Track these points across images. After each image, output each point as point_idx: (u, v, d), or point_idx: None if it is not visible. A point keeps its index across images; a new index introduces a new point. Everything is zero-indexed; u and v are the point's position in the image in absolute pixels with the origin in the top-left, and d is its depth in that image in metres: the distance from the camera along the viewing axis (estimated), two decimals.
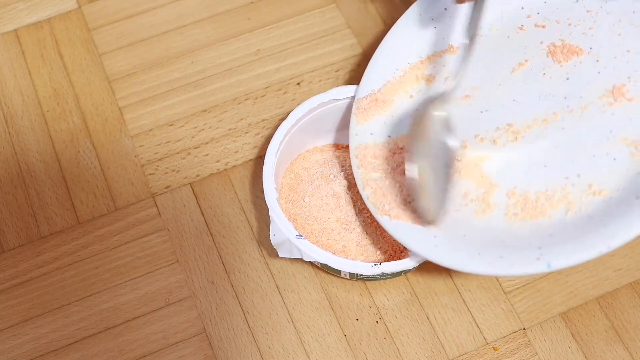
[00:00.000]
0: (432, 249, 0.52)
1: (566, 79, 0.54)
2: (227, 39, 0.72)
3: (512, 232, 0.51)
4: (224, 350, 0.59)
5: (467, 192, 0.54)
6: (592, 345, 0.58)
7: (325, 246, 0.59)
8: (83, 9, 0.73)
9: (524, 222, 0.51)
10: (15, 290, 0.61)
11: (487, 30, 0.59)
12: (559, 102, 0.54)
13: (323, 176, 0.61)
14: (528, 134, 0.54)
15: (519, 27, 0.58)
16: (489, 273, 0.50)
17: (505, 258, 0.49)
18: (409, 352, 0.58)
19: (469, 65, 0.57)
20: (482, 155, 0.54)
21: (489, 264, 0.50)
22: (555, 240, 0.49)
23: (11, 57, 0.71)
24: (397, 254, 0.59)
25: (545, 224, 0.50)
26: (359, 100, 0.60)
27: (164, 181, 0.65)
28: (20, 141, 0.67)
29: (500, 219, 0.52)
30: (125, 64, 0.70)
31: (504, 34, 0.58)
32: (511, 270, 0.49)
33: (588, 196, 0.50)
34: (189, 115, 0.68)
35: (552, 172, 0.52)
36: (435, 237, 0.53)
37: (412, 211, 0.55)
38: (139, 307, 0.60)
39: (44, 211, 0.64)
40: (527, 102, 0.55)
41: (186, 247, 0.62)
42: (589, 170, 0.51)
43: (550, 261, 0.48)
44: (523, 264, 0.49)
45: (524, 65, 0.56)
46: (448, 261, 0.51)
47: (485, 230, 0.52)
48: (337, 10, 0.73)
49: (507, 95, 0.56)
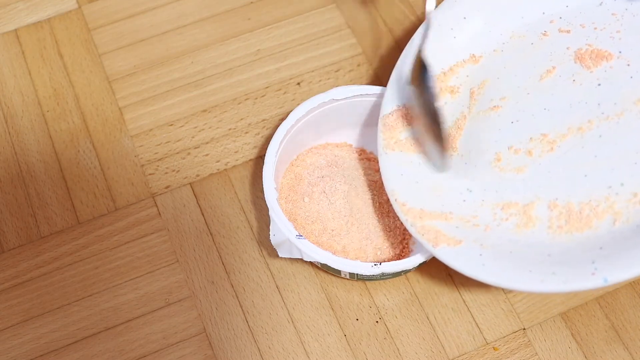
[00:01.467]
0: (480, 269, 0.50)
1: (598, 85, 0.53)
2: (227, 39, 0.72)
3: (559, 246, 0.50)
4: (224, 350, 0.59)
5: (507, 205, 0.53)
6: (592, 345, 0.58)
7: (325, 246, 0.59)
8: (83, 9, 0.73)
9: (569, 235, 0.50)
10: (15, 290, 0.61)
11: (508, 38, 0.58)
12: (593, 109, 0.52)
13: (323, 176, 0.61)
14: (564, 144, 0.52)
15: (542, 33, 0.57)
16: (543, 291, 0.48)
17: (557, 274, 0.47)
18: (409, 352, 0.58)
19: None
20: (519, 167, 0.53)
21: (542, 282, 0.48)
22: (607, 252, 0.47)
23: (11, 57, 0.71)
24: (397, 254, 0.59)
25: (592, 236, 0.49)
26: (384, 117, 0.58)
27: (164, 181, 0.65)
28: (20, 141, 0.67)
29: (544, 233, 0.50)
30: (125, 64, 0.70)
31: (528, 41, 0.57)
32: (566, 286, 0.47)
33: (634, 205, 0.48)
34: (189, 115, 0.68)
35: (594, 182, 0.50)
36: (482, 256, 0.51)
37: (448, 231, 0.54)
38: (139, 307, 0.60)
39: (44, 211, 0.64)
40: (559, 111, 0.53)
41: (186, 247, 0.62)
42: (633, 178, 0.49)
43: (606, 276, 0.46)
44: (578, 279, 0.47)
45: (551, 72, 0.55)
46: (499, 280, 0.49)
47: (530, 245, 0.50)
48: (337, 10, 0.73)
49: (537, 104, 0.55)
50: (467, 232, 0.52)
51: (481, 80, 0.57)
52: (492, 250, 0.51)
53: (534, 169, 0.53)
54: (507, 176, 0.54)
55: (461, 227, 0.53)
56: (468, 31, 0.58)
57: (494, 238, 0.52)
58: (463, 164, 0.56)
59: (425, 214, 0.54)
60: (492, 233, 0.52)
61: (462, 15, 0.59)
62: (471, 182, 0.55)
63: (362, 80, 0.70)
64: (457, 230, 0.53)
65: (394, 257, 0.59)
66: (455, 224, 0.53)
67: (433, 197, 0.55)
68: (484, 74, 0.58)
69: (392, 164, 0.57)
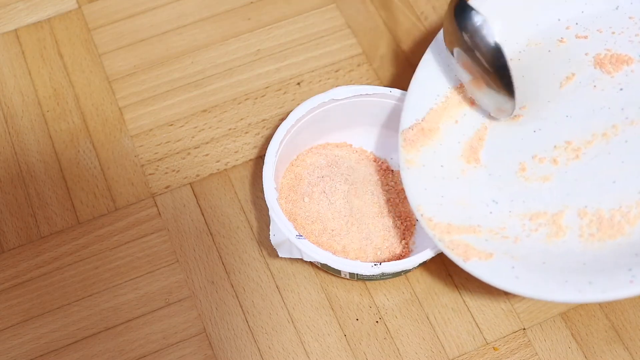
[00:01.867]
0: (514, 281, 0.50)
1: (620, 89, 0.52)
2: (227, 39, 0.72)
3: (592, 254, 0.49)
4: (224, 350, 0.59)
5: (535, 215, 0.52)
6: (592, 345, 0.58)
7: (325, 246, 0.59)
8: (83, 9, 0.73)
9: (602, 243, 0.49)
10: (15, 290, 0.61)
11: (524, 46, 0.57)
12: (617, 114, 0.52)
13: (323, 176, 0.61)
14: (589, 150, 0.52)
15: (559, 39, 0.56)
16: (582, 301, 0.47)
17: (594, 284, 0.47)
18: (409, 352, 0.58)
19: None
20: (545, 175, 0.53)
21: (580, 292, 0.47)
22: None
23: (11, 57, 0.71)
24: (397, 254, 0.59)
25: (625, 243, 0.48)
26: (404, 131, 0.57)
27: (164, 181, 0.65)
28: (20, 141, 0.67)
29: (575, 242, 0.50)
30: (125, 64, 0.70)
31: (544, 49, 0.56)
32: (605, 295, 0.46)
33: None
34: (189, 115, 0.68)
35: (623, 188, 0.50)
36: (514, 269, 0.50)
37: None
38: (139, 307, 0.60)
39: (44, 211, 0.64)
40: (582, 117, 0.53)
41: (186, 247, 0.62)
42: None
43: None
44: (617, 288, 0.46)
45: (571, 79, 0.55)
46: (535, 293, 0.49)
47: (563, 255, 0.50)
48: (337, 10, 0.73)
49: (558, 111, 0.54)
50: (497, 245, 0.52)
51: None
52: (524, 262, 0.50)
53: (560, 178, 0.52)
54: (533, 186, 0.53)
55: (490, 240, 0.52)
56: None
57: (525, 249, 0.51)
58: (487, 175, 0.55)
59: (453, 228, 0.53)
60: (523, 244, 0.51)
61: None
62: (497, 193, 0.54)
63: (362, 80, 0.70)
64: (487, 244, 0.52)
65: (394, 257, 0.59)
66: (485, 237, 0.52)
67: (459, 211, 0.54)
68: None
69: (414, 179, 0.56)
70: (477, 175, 0.55)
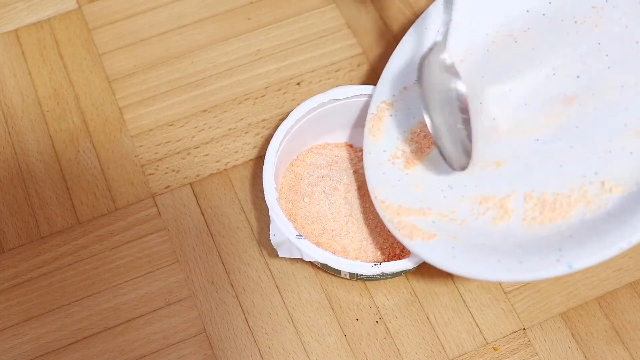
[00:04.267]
0: (451, 261, 0.51)
1: (577, 76, 0.54)
2: (227, 39, 0.72)
3: (531, 237, 0.50)
4: (224, 350, 0.59)
5: (485, 199, 0.53)
6: (592, 345, 0.58)
7: (325, 246, 0.59)
8: (83, 9, 0.73)
9: (542, 226, 0.50)
10: (15, 290, 0.61)
11: (494, 36, 0.58)
12: (571, 101, 0.53)
13: (323, 176, 0.61)
14: (542, 136, 0.53)
15: (525, 30, 0.57)
16: (510, 279, 0.49)
17: (524, 263, 0.48)
18: (409, 352, 0.58)
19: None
20: (498, 161, 0.54)
21: (509, 271, 0.49)
22: (576, 241, 0.48)
23: (11, 57, 0.71)
24: (397, 254, 0.59)
25: (564, 226, 0.50)
26: (371, 117, 0.60)
27: (164, 181, 0.65)
28: (20, 141, 0.67)
29: (518, 225, 0.51)
30: (125, 64, 0.70)
31: (512, 38, 0.58)
32: (532, 275, 0.48)
33: (606, 193, 0.49)
34: (189, 115, 0.68)
35: (569, 172, 0.51)
36: (454, 249, 0.52)
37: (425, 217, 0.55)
38: (139, 307, 0.60)
39: (44, 211, 0.64)
40: (540, 104, 0.54)
41: (186, 247, 0.62)
42: (606, 167, 0.50)
43: (571, 262, 0.47)
44: (543, 267, 0.48)
45: (532, 67, 0.56)
46: (467, 271, 0.50)
47: (504, 237, 0.51)
48: (337, 10, 0.73)
49: (517, 99, 0.55)
50: (443, 227, 0.53)
51: (466, 77, 0.58)
52: (465, 243, 0.52)
53: (512, 163, 0.53)
54: (487, 171, 0.54)
55: (438, 222, 0.54)
56: (456, 33, 0.59)
57: (470, 232, 0.52)
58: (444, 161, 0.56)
59: (404, 210, 0.55)
60: (469, 227, 0.53)
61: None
62: (452, 178, 0.55)
63: (362, 80, 0.70)
64: (433, 225, 0.54)
65: (394, 257, 0.59)
66: (432, 219, 0.54)
67: (413, 194, 0.56)
68: (470, 72, 0.58)
69: (375, 163, 0.58)
70: (434, 161, 0.56)
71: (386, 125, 0.59)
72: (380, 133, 0.59)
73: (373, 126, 0.59)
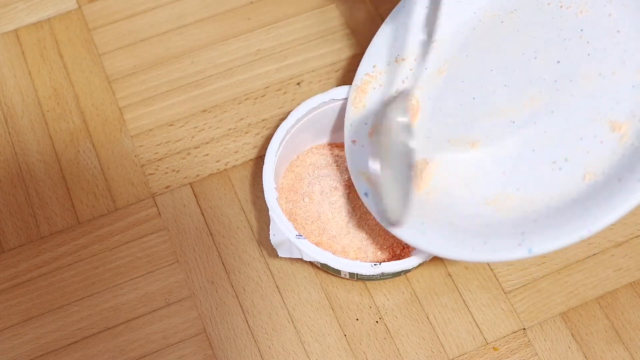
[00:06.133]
0: (419, 237, 0.52)
1: (557, 62, 0.54)
2: (227, 39, 0.72)
3: (497, 218, 0.51)
4: (224, 350, 0.59)
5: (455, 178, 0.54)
6: (592, 345, 0.58)
7: (325, 246, 0.59)
8: (83, 9, 0.73)
9: (510, 209, 0.51)
10: (15, 290, 0.61)
11: (481, 15, 0.59)
12: (550, 86, 0.53)
13: (323, 176, 0.61)
14: (518, 120, 0.53)
15: (511, 11, 0.58)
16: (472, 259, 0.50)
17: (488, 244, 0.49)
18: (409, 352, 0.58)
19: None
20: (473, 142, 0.54)
21: (473, 250, 0.50)
22: (539, 225, 0.49)
23: (11, 57, 0.71)
24: (397, 254, 0.59)
25: (530, 210, 0.50)
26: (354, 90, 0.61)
27: (164, 181, 0.65)
28: (20, 141, 0.67)
29: (486, 206, 0.52)
30: (125, 64, 0.70)
31: (499, 19, 0.58)
32: (493, 256, 0.49)
33: (573, 179, 0.50)
34: (189, 115, 0.68)
35: (540, 157, 0.51)
36: (423, 224, 0.53)
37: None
38: (139, 307, 0.60)
39: (44, 211, 0.64)
40: (519, 87, 0.54)
41: (186, 247, 0.62)
42: (576, 153, 0.50)
43: (532, 247, 0.48)
44: (505, 249, 0.49)
45: (516, 49, 0.56)
46: (433, 248, 0.51)
47: (471, 216, 0.52)
48: (336, 10, 0.73)
49: (499, 80, 0.56)
50: (414, 203, 0.54)
51: (451, 55, 0.58)
52: (433, 220, 0.53)
53: (486, 143, 0.54)
54: (461, 150, 0.55)
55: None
56: (444, 10, 0.59)
57: (439, 209, 0.53)
58: (425, 137, 0.57)
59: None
60: (439, 204, 0.53)
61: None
62: (429, 155, 0.55)
63: None
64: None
65: (394, 257, 0.59)
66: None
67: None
68: (455, 51, 0.58)
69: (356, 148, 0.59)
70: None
71: (369, 98, 0.60)
72: (362, 105, 0.59)
73: (355, 98, 0.60)
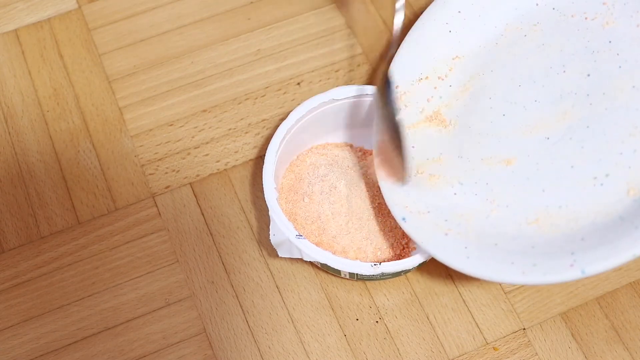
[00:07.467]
0: (464, 261, 0.51)
1: (587, 75, 0.53)
2: (227, 39, 0.72)
3: (543, 237, 0.50)
4: (224, 350, 0.59)
5: (495, 197, 0.53)
6: (592, 345, 0.58)
7: (325, 246, 0.59)
8: (83, 9, 0.73)
9: (554, 227, 0.50)
10: (15, 290, 0.61)
11: (503, 29, 0.58)
12: (582, 100, 0.52)
13: (323, 176, 0.61)
14: (553, 135, 0.52)
15: (534, 24, 0.57)
16: (524, 282, 0.48)
17: (538, 266, 0.48)
18: (409, 352, 0.58)
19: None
20: (508, 159, 0.54)
21: (523, 273, 0.48)
22: (588, 244, 0.47)
23: (11, 57, 0.71)
24: (397, 254, 0.59)
25: (576, 228, 0.49)
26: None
27: (164, 181, 0.65)
28: (20, 141, 0.67)
29: (529, 225, 0.51)
30: (125, 64, 0.70)
31: (521, 32, 0.57)
32: (545, 278, 0.47)
33: (618, 196, 0.48)
34: (189, 115, 0.68)
35: (580, 173, 0.50)
36: (467, 248, 0.51)
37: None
38: (139, 307, 0.60)
39: (44, 211, 0.64)
40: (550, 102, 0.54)
41: (186, 247, 0.62)
42: (617, 169, 0.49)
43: (584, 267, 0.46)
44: (557, 271, 0.47)
45: (543, 63, 0.55)
46: (480, 272, 0.50)
47: (515, 237, 0.50)
48: (337, 10, 0.73)
49: (528, 96, 0.55)
50: (454, 225, 0.53)
51: (475, 71, 0.58)
52: (477, 243, 0.51)
53: (522, 161, 0.53)
54: (497, 168, 0.54)
55: (450, 220, 0.53)
56: (464, 25, 0.59)
57: (481, 231, 0.52)
58: (457, 157, 0.56)
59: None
60: (480, 226, 0.52)
61: (457, 9, 0.59)
62: (463, 174, 0.55)
63: (362, 80, 0.70)
64: (445, 223, 0.53)
65: (394, 257, 0.59)
66: (445, 217, 0.54)
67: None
68: (478, 67, 0.58)
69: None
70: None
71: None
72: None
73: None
